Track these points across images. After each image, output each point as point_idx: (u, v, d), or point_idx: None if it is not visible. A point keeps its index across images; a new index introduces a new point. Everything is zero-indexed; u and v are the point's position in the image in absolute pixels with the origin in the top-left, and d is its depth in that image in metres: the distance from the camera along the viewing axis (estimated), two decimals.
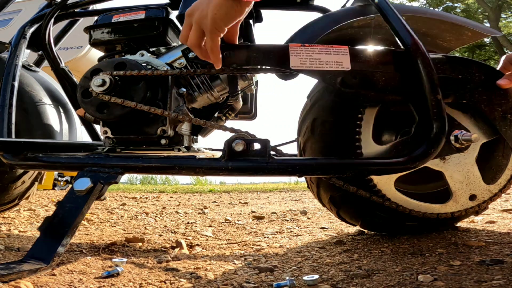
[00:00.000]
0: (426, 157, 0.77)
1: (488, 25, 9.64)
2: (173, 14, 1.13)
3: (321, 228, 1.44)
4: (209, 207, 2.42)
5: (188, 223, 1.66)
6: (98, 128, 1.07)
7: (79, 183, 0.79)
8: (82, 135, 1.41)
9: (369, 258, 0.86)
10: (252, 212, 2.08)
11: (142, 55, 1.06)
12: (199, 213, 2.07)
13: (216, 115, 1.20)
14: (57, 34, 1.49)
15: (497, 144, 0.96)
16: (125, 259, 0.90)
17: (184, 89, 1.02)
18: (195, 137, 1.15)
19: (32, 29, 1.24)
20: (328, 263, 0.87)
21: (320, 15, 1.02)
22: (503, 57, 0.90)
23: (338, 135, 0.92)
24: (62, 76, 1.37)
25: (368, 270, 0.76)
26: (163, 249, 1.09)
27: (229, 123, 1.34)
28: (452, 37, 1.05)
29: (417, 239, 0.97)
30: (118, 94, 0.92)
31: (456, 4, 11.06)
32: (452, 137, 0.83)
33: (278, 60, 0.80)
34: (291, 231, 1.43)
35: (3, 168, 1.17)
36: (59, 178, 4.48)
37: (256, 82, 1.32)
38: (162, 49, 1.13)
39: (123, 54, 1.11)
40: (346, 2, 1.16)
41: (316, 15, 1.11)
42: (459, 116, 0.89)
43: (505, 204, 1.58)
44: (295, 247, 1.11)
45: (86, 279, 0.73)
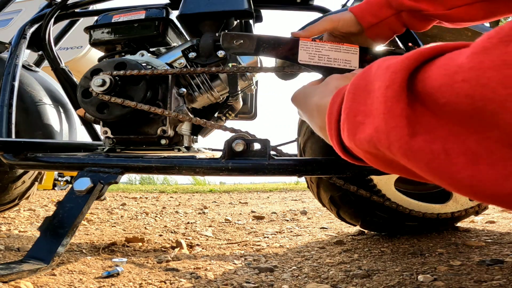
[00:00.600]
0: None
1: (488, 25, 9.64)
2: (173, 14, 1.14)
3: (321, 228, 1.44)
4: (209, 207, 2.42)
5: (188, 223, 1.66)
6: (98, 128, 1.07)
7: (79, 183, 0.79)
8: (82, 135, 1.41)
9: (369, 258, 0.86)
10: (252, 212, 2.08)
11: (142, 55, 1.06)
12: (199, 213, 2.07)
13: (216, 115, 1.20)
14: (57, 34, 1.49)
15: None
16: (125, 259, 0.90)
17: (184, 89, 1.02)
18: (195, 137, 1.15)
19: (32, 29, 1.25)
20: (328, 263, 0.87)
21: (320, 15, 1.02)
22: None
23: None
24: (62, 76, 1.37)
25: (368, 270, 0.76)
26: (163, 249, 1.09)
27: (229, 123, 1.34)
28: (452, 37, 1.05)
29: (417, 239, 0.97)
30: (118, 94, 0.92)
31: None
32: None
33: (287, 53, 0.80)
34: (291, 231, 1.43)
35: (3, 168, 1.17)
36: (59, 178, 4.48)
37: (256, 82, 1.32)
38: (162, 49, 1.13)
39: (123, 54, 1.11)
40: (346, 2, 1.17)
41: (316, 15, 1.11)
42: None
43: None
44: (295, 247, 1.11)
45: (86, 279, 0.73)
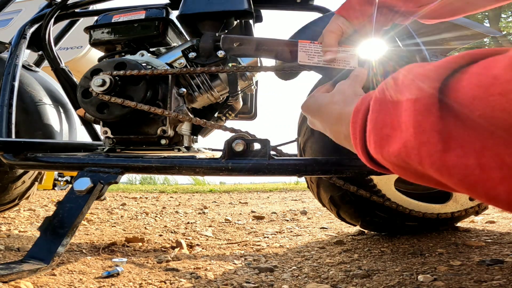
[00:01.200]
0: None
1: (488, 25, 9.65)
2: (173, 14, 1.14)
3: (321, 228, 1.44)
4: (209, 207, 2.42)
5: (188, 223, 1.66)
6: (98, 128, 1.07)
7: (79, 183, 0.79)
8: (82, 135, 1.41)
9: (369, 258, 0.86)
10: (252, 212, 2.08)
11: (142, 55, 1.06)
12: (199, 213, 2.07)
13: (216, 115, 1.20)
14: (57, 34, 1.49)
15: None
16: (125, 259, 0.90)
17: (184, 89, 1.02)
18: (195, 137, 1.15)
19: (32, 29, 1.25)
20: (328, 263, 0.87)
21: (320, 15, 1.02)
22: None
23: None
24: (62, 76, 1.37)
25: (368, 270, 0.76)
26: (163, 249, 1.09)
27: (229, 123, 1.34)
28: (452, 37, 1.05)
29: (417, 239, 0.97)
30: (118, 94, 0.92)
31: None
32: None
33: (286, 54, 0.80)
34: (291, 231, 1.43)
35: (3, 168, 1.17)
36: (59, 178, 4.48)
37: (256, 82, 1.32)
38: (162, 49, 1.13)
39: (123, 54, 1.11)
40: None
41: (316, 15, 1.11)
42: None
43: None
44: (295, 247, 1.11)
45: (86, 279, 0.73)
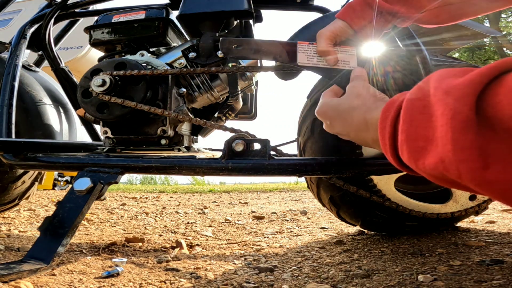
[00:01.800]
0: None
1: (488, 25, 9.64)
2: (173, 14, 1.14)
3: (321, 228, 1.44)
4: (209, 207, 2.42)
5: (188, 223, 1.66)
6: (98, 128, 1.07)
7: (79, 183, 0.79)
8: (82, 135, 1.41)
9: (369, 258, 0.86)
10: (252, 212, 2.08)
11: (142, 55, 1.06)
12: (199, 213, 2.07)
13: (216, 115, 1.20)
14: (57, 34, 1.49)
15: None
16: (125, 259, 0.90)
17: (184, 89, 1.02)
18: (195, 137, 1.15)
19: (32, 29, 1.25)
20: (328, 263, 0.87)
21: (320, 15, 1.02)
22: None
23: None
24: (62, 76, 1.37)
25: (368, 270, 0.76)
26: (163, 249, 1.09)
27: (229, 123, 1.34)
28: (452, 37, 1.05)
29: (417, 239, 0.97)
30: (118, 94, 0.92)
31: None
32: None
33: (286, 55, 0.80)
34: (291, 231, 1.43)
35: (3, 168, 1.17)
36: (59, 178, 4.48)
37: (256, 82, 1.32)
38: (162, 49, 1.13)
39: (123, 54, 1.11)
40: (346, 2, 1.16)
41: (316, 15, 1.11)
42: None
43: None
44: (295, 247, 1.11)
45: (86, 279, 0.73)
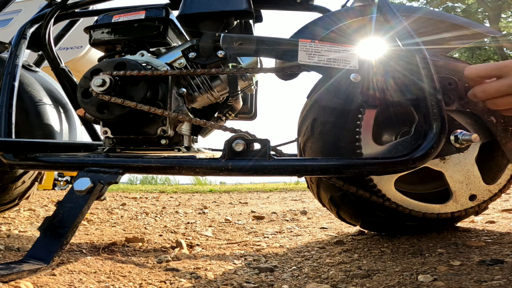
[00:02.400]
0: (426, 157, 0.77)
1: (488, 25, 9.65)
2: (173, 14, 1.14)
3: (321, 228, 1.44)
4: (209, 207, 2.42)
5: (188, 223, 1.66)
6: (98, 128, 1.07)
7: (79, 183, 0.79)
8: (82, 135, 1.41)
9: (369, 258, 0.86)
10: (252, 212, 2.08)
11: (142, 55, 1.06)
12: (199, 213, 2.07)
13: (216, 115, 1.20)
14: (57, 34, 1.49)
15: (497, 144, 0.96)
16: None
17: (184, 89, 1.02)
18: (195, 137, 1.15)
19: (32, 29, 1.25)
20: (328, 263, 0.87)
21: (320, 15, 1.02)
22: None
23: (338, 135, 0.92)
24: (62, 76, 1.37)
25: (368, 270, 0.76)
26: (163, 249, 1.09)
27: (229, 123, 1.34)
28: (452, 37, 1.05)
29: (417, 239, 0.97)
30: (118, 94, 0.92)
31: (456, 4, 11.05)
32: (452, 137, 0.83)
33: (286, 53, 0.80)
34: (291, 231, 1.43)
35: (3, 168, 1.17)
36: (59, 178, 4.48)
37: (256, 82, 1.32)
38: (162, 49, 1.13)
39: (123, 54, 1.11)
40: (346, 2, 1.17)
41: (316, 15, 1.11)
42: (459, 116, 0.89)
43: (505, 204, 1.58)
44: (295, 247, 1.11)
45: (86, 279, 0.73)
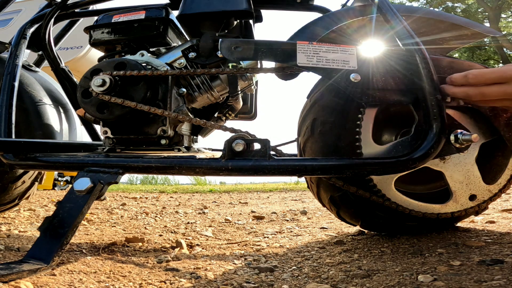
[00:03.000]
0: (426, 157, 0.77)
1: (488, 25, 9.65)
2: (173, 14, 1.14)
3: (321, 228, 1.44)
4: (209, 207, 2.42)
5: (188, 223, 1.66)
6: (98, 128, 1.07)
7: (79, 183, 0.79)
8: (82, 135, 1.41)
9: (369, 258, 0.86)
10: (252, 212, 2.08)
11: (142, 55, 1.06)
12: (199, 213, 2.07)
13: (216, 115, 1.20)
14: (57, 34, 1.49)
15: (497, 144, 0.96)
16: None
17: (184, 89, 1.02)
18: (195, 137, 1.15)
19: (32, 29, 1.25)
20: (328, 263, 0.87)
21: (320, 15, 1.02)
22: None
23: (338, 135, 0.92)
24: (62, 76, 1.37)
25: (368, 270, 0.76)
26: (163, 249, 1.09)
27: (229, 123, 1.34)
28: (452, 37, 1.05)
29: (417, 239, 0.97)
30: (118, 94, 0.92)
31: (456, 4, 11.06)
32: (452, 137, 0.83)
33: (285, 56, 0.80)
34: (291, 231, 1.43)
35: (3, 168, 1.17)
36: (59, 178, 4.49)
37: (256, 82, 1.32)
38: (162, 49, 1.13)
39: (123, 54, 1.11)
40: (346, 2, 1.17)
41: (316, 15, 1.11)
42: (459, 116, 0.89)
43: (505, 204, 1.58)
44: (295, 247, 1.11)
45: (86, 279, 0.73)
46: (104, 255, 0.97)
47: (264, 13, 1.25)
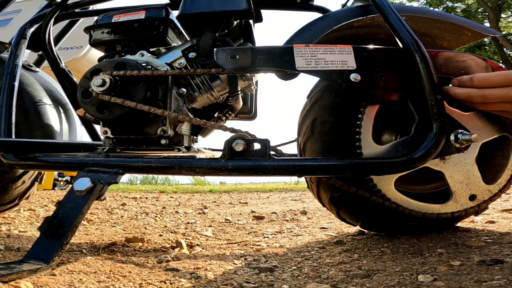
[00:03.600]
0: (426, 157, 0.77)
1: (488, 25, 9.65)
2: (173, 14, 1.14)
3: (321, 228, 1.44)
4: (209, 207, 2.42)
5: (188, 223, 1.66)
6: (98, 128, 1.07)
7: (79, 183, 0.79)
8: (82, 135, 1.41)
9: (369, 258, 0.86)
10: (252, 212, 2.08)
11: (142, 55, 1.06)
12: (199, 213, 2.07)
13: (216, 115, 1.20)
14: (57, 34, 1.49)
15: (497, 144, 0.96)
16: None
17: (184, 89, 1.02)
18: (195, 137, 1.15)
19: (32, 29, 1.25)
20: (328, 263, 0.87)
21: (320, 15, 1.02)
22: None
23: (338, 135, 0.92)
24: (62, 76, 1.37)
25: (368, 270, 0.76)
26: (163, 249, 1.09)
27: (229, 123, 1.34)
28: (452, 37, 1.05)
29: (417, 239, 0.97)
30: (118, 94, 0.92)
31: (456, 4, 11.06)
32: (452, 137, 0.83)
33: (284, 62, 0.80)
34: (291, 231, 1.43)
35: (3, 168, 1.17)
36: (59, 178, 4.49)
37: (256, 82, 1.32)
38: (162, 49, 1.13)
39: (123, 54, 1.11)
40: (346, 2, 1.17)
41: (316, 15, 1.11)
42: (459, 116, 0.89)
43: (505, 204, 1.58)
44: (295, 247, 1.11)
45: (86, 279, 0.73)
46: (104, 255, 0.97)
47: (264, 13, 1.25)
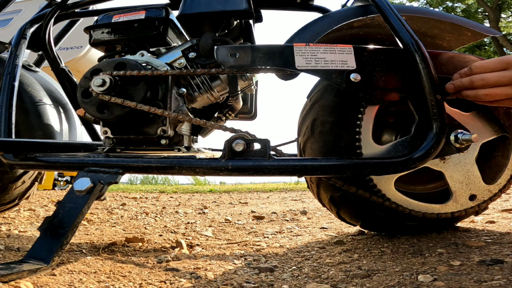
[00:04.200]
0: (426, 157, 0.77)
1: (488, 25, 9.65)
2: (173, 14, 1.14)
3: (321, 228, 1.44)
4: (209, 207, 2.42)
5: (188, 223, 1.66)
6: (98, 128, 1.07)
7: (79, 183, 0.79)
8: (82, 135, 1.41)
9: (369, 258, 0.86)
10: (252, 212, 2.08)
11: (142, 55, 1.06)
12: (199, 213, 2.07)
13: (216, 115, 1.20)
14: (57, 34, 1.49)
15: (497, 144, 0.96)
16: None
17: (184, 89, 1.02)
18: (195, 137, 1.15)
19: (32, 29, 1.25)
20: (328, 263, 0.87)
21: (320, 15, 1.02)
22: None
23: (338, 135, 0.92)
24: (62, 76, 1.37)
25: (368, 270, 0.76)
26: (163, 249, 1.09)
27: (229, 123, 1.34)
28: (452, 37, 1.05)
29: (417, 239, 0.97)
30: (118, 94, 0.92)
31: (456, 4, 11.06)
32: (452, 137, 0.83)
33: (283, 61, 0.80)
34: (291, 231, 1.43)
35: (3, 168, 1.17)
36: (59, 178, 4.49)
37: (256, 82, 1.32)
38: (162, 49, 1.13)
39: (123, 54, 1.11)
40: (346, 2, 1.17)
41: (316, 15, 1.11)
42: (459, 116, 0.89)
43: (505, 204, 1.58)
44: (295, 247, 1.11)
45: (86, 279, 0.73)
46: (104, 255, 0.97)
47: (264, 13, 1.25)
